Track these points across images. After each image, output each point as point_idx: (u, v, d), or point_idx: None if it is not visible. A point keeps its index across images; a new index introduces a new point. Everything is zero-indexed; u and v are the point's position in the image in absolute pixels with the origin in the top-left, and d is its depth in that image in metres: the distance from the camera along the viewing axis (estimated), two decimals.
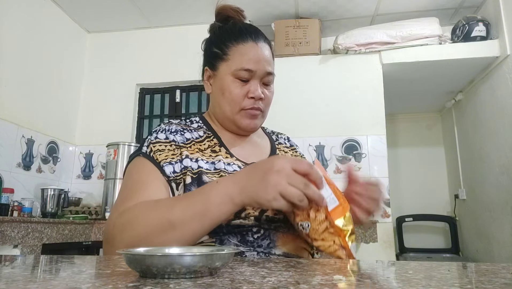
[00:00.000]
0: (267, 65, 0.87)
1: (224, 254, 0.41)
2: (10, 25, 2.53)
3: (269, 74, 0.88)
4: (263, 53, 0.87)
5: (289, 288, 0.33)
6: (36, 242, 1.91)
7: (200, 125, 0.92)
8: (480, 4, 2.89)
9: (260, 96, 0.86)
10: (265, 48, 0.88)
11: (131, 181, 0.78)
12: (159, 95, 3.29)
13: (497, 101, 2.73)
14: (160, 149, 0.80)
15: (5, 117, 2.47)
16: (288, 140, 1.06)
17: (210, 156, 0.83)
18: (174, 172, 0.77)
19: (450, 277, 0.41)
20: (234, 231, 0.75)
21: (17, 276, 0.41)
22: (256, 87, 0.86)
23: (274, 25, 2.99)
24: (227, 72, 0.87)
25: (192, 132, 0.87)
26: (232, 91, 0.86)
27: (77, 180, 3.11)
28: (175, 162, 0.79)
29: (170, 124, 0.88)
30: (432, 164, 3.91)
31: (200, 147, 0.84)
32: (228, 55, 0.87)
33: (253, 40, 0.87)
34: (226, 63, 0.87)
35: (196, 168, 0.78)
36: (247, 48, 0.86)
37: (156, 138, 0.82)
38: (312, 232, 0.66)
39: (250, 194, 0.62)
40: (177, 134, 0.84)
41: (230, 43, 0.87)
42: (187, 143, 0.83)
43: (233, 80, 0.86)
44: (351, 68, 2.88)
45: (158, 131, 0.85)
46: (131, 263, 0.40)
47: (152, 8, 3.01)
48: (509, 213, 2.59)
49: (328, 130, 2.82)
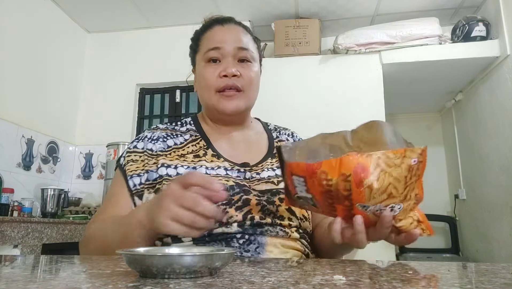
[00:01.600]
0: (236, 41, 0.86)
1: (224, 254, 0.41)
2: (10, 25, 2.53)
3: (242, 50, 0.86)
4: (231, 32, 0.87)
5: (289, 288, 0.33)
6: (36, 242, 1.91)
7: (189, 127, 0.91)
8: (480, 4, 2.89)
9: (232, 73, 0.83)
10: (234, 28, 0.89)
11: (108, 192, 0.85)
12: (159, 95, 3.29)
13: (497, 101, 2.73)
14: (134, 159, 0.83)
15: (5, 117, 2.47)
16: (291, 136, 1.01)
17: (192, 161, 0.81)
18: (140, 184, 0.80)
19: (450, 277, 0.41)
20: (218, 238, 0.73)
21: (17, 276, 0.41)
22: (228, 65, 0.84)
23: (274, 25, 2.99)
24: (200, 60, 0.88)
25: (176, 137, 0.87)
26: (205, 74, 0.86)
27: (77, 180, 3.11)
28: (145, 172, 0.80)
29: (155, 130, 0.88)
30: (432, 164, 3.87)
31: (182, 152, 0.83)
32: (199, 46, 0.90)
33: (220, 24, 0.89)
34: (199, 54, 0.90)
35: (174, 174, 0.79)
36: (213, 31, 0.89)
37: (134, 148, 0.85)
38: (401, 213, 0.59)
39: (151, 220, 0.59)
40: (157, 142, 0.85)
41: (200, 36, 0.91)
42: (167, 150, 0.83)
43: (205, 65, 0.86)
44: (351, 68, 2.87)
45: (139, 139, 0.87)
46: (131, 263, 0.40)
47: (152, 8, 3.01)
48: (509, 213, 2.59)
49: (328, 130, 2.81)
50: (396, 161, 0.55)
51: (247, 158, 0.86)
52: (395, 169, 0.55)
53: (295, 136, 1.02)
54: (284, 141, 0.97)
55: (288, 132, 1.01)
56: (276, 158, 0.86)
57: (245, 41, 0.88)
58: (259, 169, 0.85)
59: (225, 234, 0.74)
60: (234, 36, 0.87)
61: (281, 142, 0.95)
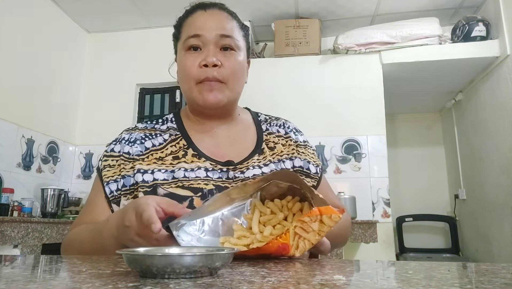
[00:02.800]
0: (218, 27, 0.79)
1: (224, 254, 0.41)
2: (10, 25, 2.53)
3: (224, 37, 0.79)
4: (213, 18, 0.81)
5: (289, 288, 0.33)
6: (36, 242, 1.91)
7: (170, 125, 0.86)
8: (480, 4, 2.89)
9: (213, 63, 0.77)
10: (217, 14, 0.82)
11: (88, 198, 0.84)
12: (159, 95, 3.29)
13: (497, 101, 2.73)
14: (111, 164, 0.80)
15: (5, 117, 2.47)
16: (283, 126, 0.91)
17: (170, 164, 0.78)
18: (117, 190, 0.78)
19: (450, 277, 0.41)
20: None
21: (17, 276, 0.41)
22: (208, 53, 0.78)
23: (274, 25, 2.99)
24: (180, 49, 0.83)
25: (155, 138, 0.82)
26: (185, 63, 0.80)
27: (77, 180, 3.11)
28: (122, 177, 0.78)
29: (133, 131, 0.84)
30: (432, 164, 3.91)
31: (160, 155, 0.80)
32: (181, 33, 0.84)
33: (201, 9, 0.83)
34: (180, 42, 0.84)
35: (151, 180, 0.75)
36: (194, 17, 0.83)
37: (111, 151, 0.82)
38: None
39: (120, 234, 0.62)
40: (134, 144, 0.81)
41: (182, 22, 0.85)
42: (145, 153, 0.80)
43: (185, 54, 0.81)
44: (351, 68, 2.88)
45: (117, 141, 0.83)
46: (131, 263, 0.40)
47: (152, 8, 3.01)
48: (509, 213, 2.59)
49: (328, 130, 2.82)
50: (313, 225, 0.56)
51: (231, 155, 0.81)
52: (313, 235, 0.57)
53: (286, 126, 0.92)
54: (274, 134, 0.89)
55: (279, 123, 0.92)
56: (263, 154, 0.83)
57: (229, 28, 0.81)
58: (244, 167, 0.80)
59: None
60: (217, 22, 0.80)
61: (271, 136, 0.88)
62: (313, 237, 0.56)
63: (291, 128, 0.92)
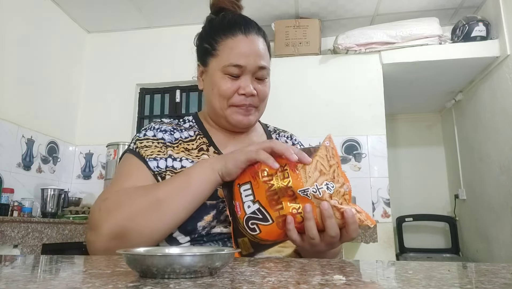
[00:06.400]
0: (258, 59, 0.82)
1: (224, 254, 0.41)
2: (10, 25, 2.53)
3: (261, 69, 0.82)
4: (254, 47, 0.82)
5: (289, 288, 0.33)
6: (36, 242, 1.91)
7: (192, 124, 0.91)
8: (480, 4, 2.89)
9: (251, 93, 0.81)
10: (256, 41, 0.83)
11: (118, 174, 0.81)
12: (159, 95, 3.29)
13: (497, 101, 2.73)
14: (147, 145, 0.81)
15: (5, 117, 2.47)
16: (290, 138, 1.00)
17: (196, 156, 0.82)
18: (158, 167, 0.78)
19: (450, 277, 0.41)
20: (215, 238, 0.74)
21: (17, 276, 0.41)
22: (247, 83, 0.81)
23: (274, 25, 2.99)
24: (217, 68, 0.83)
25: (182, 132, 0.86)
26: (221, 87, 0.82)
27: (77, 180, 3.11)
28: (160, 158, 0.79)
29: (161, 123, 0.87)
30: (432, 164, 3.91)
31: (187, 146, 0.83)
32: (217, 51, 0.83)
33: (242, 33, 0.82)
34: (216, 59, 0.84)
35: (179, 167, 0.78)
36: (236, 42, 0.82)
37: (144, 136, 0.83)
38: (336, 194, 0.63)
39: (231, 159, 0.66)
40: (166, 134, 0.84)
41: (219, 38, 0.84)
42: (175, 143, 0.83)
43: (223, 77, 0.82)
44: (351, 68, 2.87)
45: (148, 129, 0.85)
46: (131, 263, 0.40)
47: (152, 8, 3.01)
48: (509, 213, 2.59)
49: (328, 130, 2.80)
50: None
51: None
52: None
53: (293, 138, 1.00)
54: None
55: (287, 135, 1.01)
56: None
57: (266, 58, 0.84)
58: None
59: (223, 234, 0.74)
60: (257, 53, 0.82)
61: None
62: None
63: (298, 141, 1.01)
